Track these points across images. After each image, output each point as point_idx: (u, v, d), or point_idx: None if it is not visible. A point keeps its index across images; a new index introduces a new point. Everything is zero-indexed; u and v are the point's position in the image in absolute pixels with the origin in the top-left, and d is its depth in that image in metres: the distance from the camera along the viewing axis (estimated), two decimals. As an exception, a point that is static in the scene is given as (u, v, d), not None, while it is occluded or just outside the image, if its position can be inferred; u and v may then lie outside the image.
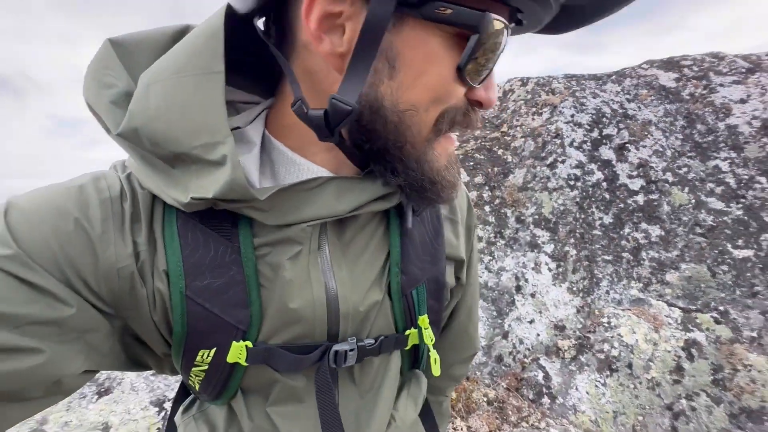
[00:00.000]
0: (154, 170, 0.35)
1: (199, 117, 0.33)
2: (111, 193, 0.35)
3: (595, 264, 1.83)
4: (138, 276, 0.35)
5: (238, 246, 0.37)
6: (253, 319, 0.37)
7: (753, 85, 2.13)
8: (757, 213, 1.82)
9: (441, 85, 0.33)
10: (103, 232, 0.34)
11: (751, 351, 1.58)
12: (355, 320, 0.41)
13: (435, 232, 0.49)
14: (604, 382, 1.49)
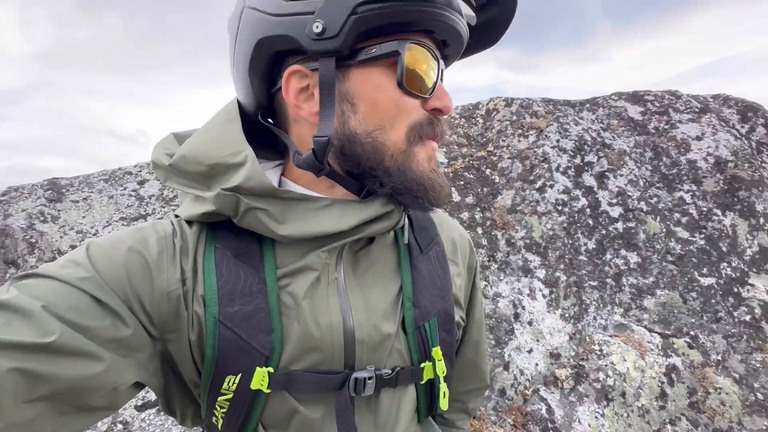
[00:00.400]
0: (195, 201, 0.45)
1: (225, 140, 0.44)
2: (165, 232, 0.44)
3: (583, 290, 1.87)
4: (183, 299, 0.41)
5: (264, 277, 0.43)
6: (275, 344, 0.42)
7: (706, 125, 2.35)
8: (716, 243, 1.99)
9: (393, 103, 0.42)
10: (158, 261, 0.41)
11: (718, 374, 1.71)
12: (370, 348, 0.45)
13: (442, 269, 0.54)
14: (603, 412, 1.50)
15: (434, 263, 0.54)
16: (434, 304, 0.51)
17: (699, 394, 1.67)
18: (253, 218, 0.43)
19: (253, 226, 0.43)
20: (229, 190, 0.42)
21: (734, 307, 1.86)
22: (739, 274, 1.94)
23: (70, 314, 0.35)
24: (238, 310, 0.42)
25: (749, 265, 1.97)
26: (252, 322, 0.41)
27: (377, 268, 0.49)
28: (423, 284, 0.51)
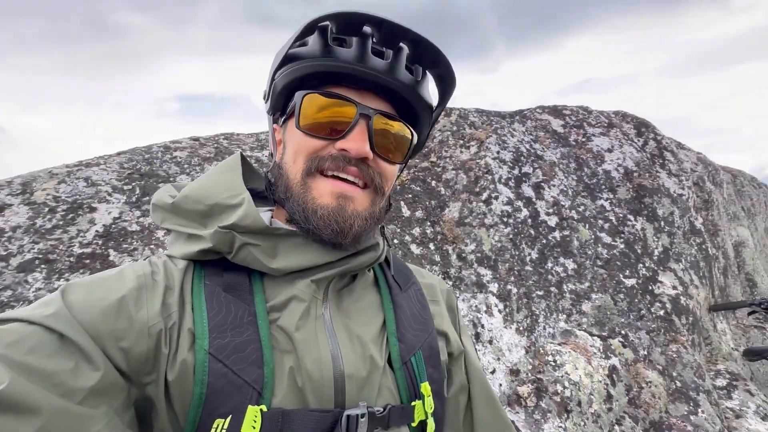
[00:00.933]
0: (188, 240, 0.49)
1: (226, 183, 0.52)
2: (144, 270, 0.46)
3: (532, 300, 1.90)
4: (165, 335, 0.42)
5: (254, 310, 0.46)
6: (267, 379, 0.42)
7: (614, 138, 2.62)
8: (633, 246, 2.21)
9: (295, 142, 0.52)
10: (137, 297, 0.42)
11: (647, 368, 1.87)
12: (359, 384, 0.46)
13: (421, 305, 0.59)
14: (565, 426, 1.51)
15: (413, 300, 0.59)
16: (418, 338, 0.54)
17: (634, 390, 1.80)
18: (247, 253, 0.47)
19: (246, 261, 0.48)
20: (225, 228, 0.47)
21: (651, 304, 2.07)
22: (651, 273, 2.17)
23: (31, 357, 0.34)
24: (229, 341, 0.42)
25: (657, 264, 2.22)
26: (243, 355, 0.42)
27: (360, 306, 0.54)
28: (406, 319, 0.55)
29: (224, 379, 0.40)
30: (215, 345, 0.41)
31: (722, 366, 2.23)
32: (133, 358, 0.39)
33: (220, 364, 0.41)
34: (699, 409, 1.80)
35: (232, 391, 0.40)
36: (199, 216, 0.49)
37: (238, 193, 0.49)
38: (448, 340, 0.60)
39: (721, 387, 2.09)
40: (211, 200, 0.49)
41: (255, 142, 2.07)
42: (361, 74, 0.49)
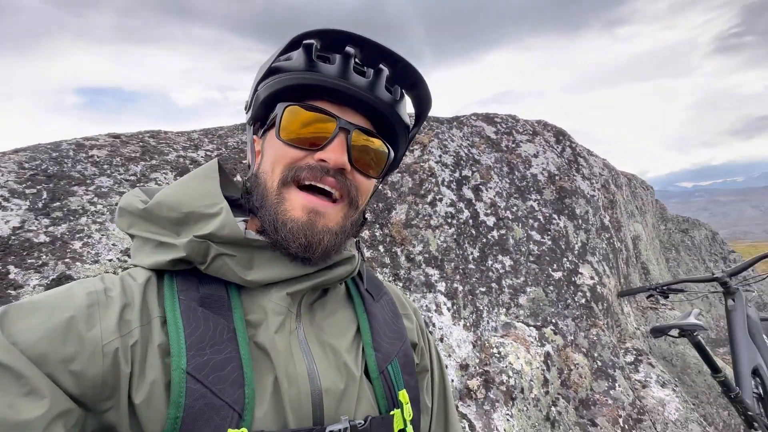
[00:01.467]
0: (158, 249, 0.47)
1: (203, 191, 0.50)
2: (95, 287, 0.42)
3: (476, 297, 2.00)
4: (125, 353, 0.38)
5: (233, 326, 0.44)
6: (247, 399, 0.40)
7: (538, 145, 2.88)
8: (558, 242, 2.44)
9: (274, 152, 0.51)
10: (88, 316, 0.39)
11: (574, 352, 2.08)
12: (337, 397, 0.46)
13: (394, 314, 0.60)
14: (511, 413, 1.61)
15: (386, 310, 0.60)
16: (394, 346, 0.55)
17: (565, 372, 1.99)
18: (222, 264, 0.46)
19: (220, 272, 0.46)
20: (201, 237, 0.45)
21: (574, 294, 2.31)
22: (573, 266, 2.42)
23: None
24: (208, 359, 0.40)
25: (578, 257, 2.48)
26: (223, 374, 0.40)
27: (334, 319, 0.54)
28: (380, 329, 0.55)
29: (203, 401, 0.38)
30: (193, 363, 0.39)
31: (630, 344, 2.56)
32: (87, 381, 0.36)
33: (199, 384, 0.38)
34: (616, 383, 2.05)
35: (211, 414, 0.38)
36: (173, 224, 0.47)
37: (216, 202, 0.48)
38: (421, 354, 0.62)
39: (630, 362, 2.40)
40: (187, 208, 0.47)
41: (187, 141, 1.89)
42: (343, 89, 0.50)
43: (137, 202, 0.50)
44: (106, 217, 1.23)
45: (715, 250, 5.69)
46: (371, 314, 0.56)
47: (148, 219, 0.48)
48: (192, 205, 0.47)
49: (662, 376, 2.36)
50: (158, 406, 0.38)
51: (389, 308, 0.60)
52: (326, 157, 0.49)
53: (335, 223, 0.51)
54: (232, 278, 0.46)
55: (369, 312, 0.56)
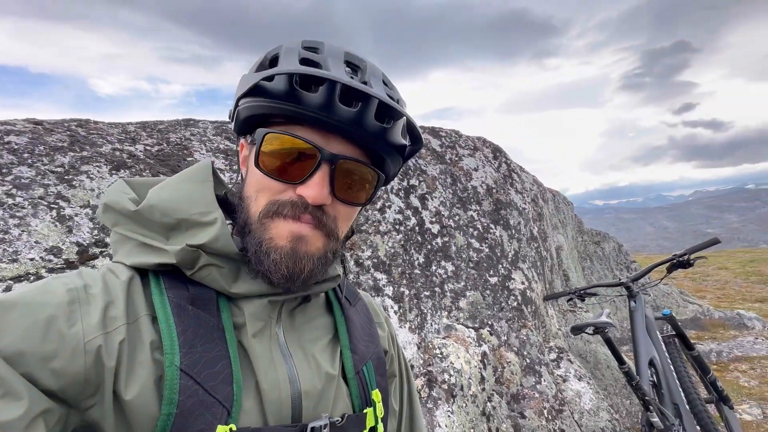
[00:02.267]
0: (144, 249, 0.46)
1: (198, 198, 0.49)
2: (75, 284, 0.41)
3: (421, 300, 2.08)
4: (109, 350, 0.38)
5: (222, 326, 0.44)
6: (236, 397, 0.41)
7: (478, 159, 3.10)
8: (494, 250, 2.64)
9: (255, 180, 0.50)
10: (70, 312, 0.38)
11: (507, 351, 2.25)
12: (315, 398, 0.48)
13: (368, 319, 0.63)
14: (452, 410, 1.70)
15: (361, 315, 0.62)
16: (368, 348, 0.58)
17: (499, 370, 2.15)
18: (208, 273, 0.46)
19: (206, 280, 0.46)
20: (194, 247, 0.45)
21: (508, 297, 2.51)
22: (507, 272, 2.63)
23: None
24: (200, 356, 0.41)
25: (511, 264, 2.70)
26: (214, 371, 0.41)
27: (313, 324, 0.55)
28: (357, 332, 0.58)
29: (195, 397, 0.38)
30: (186, 360, 0.39)
31: (553, 343, 2.84)
32: (69, 379, 0.35)
33: (192, 380, 0.39)
34: (542, 378, 2.26)
35: (202, 410, 0.38)
36: (164, 228, 0.47)
37: (210, 211, 0.48)
38: (390, 360, 0.65)
39: (553, 359, 2.66)
40: (180, 215, 0.47)
41: (122, 134, 1.74)
42: (326, 122, 0.47)
43: (126, 202, 0.48)
44: (27, 211, 1.10)
45: (620, 260, 6.50)
46: (348, 319, 0.58)
47: (137, 221, 0.47)
48: (186, 212, 0.47)
49: (579, 370, 2.64)
50: (149, 403, 0.38)
51: (364, 314, 0.63)
52: (305, 194, 0.47)
53: (316, 249, 0.49)
54: (216, 287, 0.46)
55: (347, 317, 0.58)
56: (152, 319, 0.42)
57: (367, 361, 0.56)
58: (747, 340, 4.94)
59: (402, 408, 0.67)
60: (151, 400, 0.38)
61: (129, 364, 0.38)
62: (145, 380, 0.38)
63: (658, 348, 2.23)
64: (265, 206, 0.48)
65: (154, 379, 0.39)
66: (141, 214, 0.47)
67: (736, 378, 4.02)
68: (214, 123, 2.24)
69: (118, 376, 0.38)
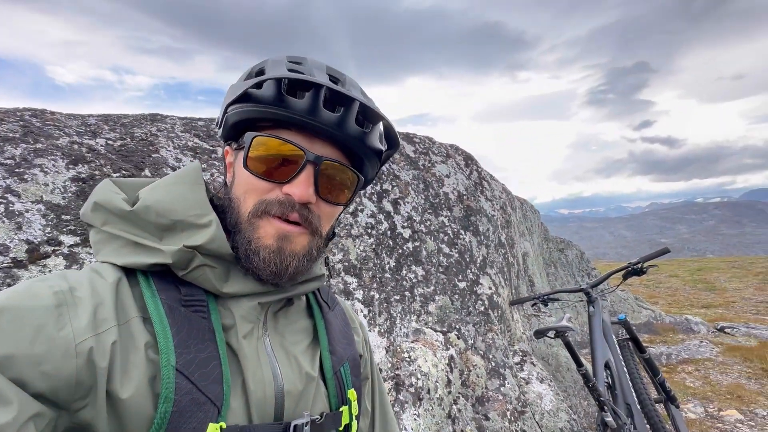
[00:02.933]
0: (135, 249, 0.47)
1: (192, 200, 0.50)
2: (61, 287, 0.41)
3: (390, 304, 2.10)
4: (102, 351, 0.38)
5: (212, 327, 0.46)
6: (226, 396, 0.43)
7: (450, 166, 3.17)
8: (464, 255, 2.70)
9: (245, 181, 0.52)
10: (58, 315, 0.38)
11: (473, 354, 2.31)
12: (296, 398, 0.50)
13: (345, 323, 0.66)
14: (419, 413, 1.72)
15: (339, 318, 0.65)
16: (346, 350, 0.61)
17: (465, 373, 2.20)
18: (201, 274, 0.48)
19: (198, 280, 0.48)
20: (191, 248, 0.46)
21: (475, 302, 2.57)
22: (476, 277, 2.70)
23: None
24: (194, 357, 0.42)
25: (479, 269, 2.77)
26: (207, 371, 0.42)
27: (295, 326, 0.58)
28: (335, 335, 0.61)
29: (189, 396, 0.40)
30: (181, 360, 0.41)
31: (517, 347, 2.93)
32: (61, 381, 0.36)
33: (186, 380, 0.41)
34: (506, 381, 2.32)
35: (195, 409, 0.40)
36: (159, 229, 0.48)
37: (205, 213, 0.50)
38: (364, 364, 0.69)
39: (517, 363, 2.74)
40: (177, 216, 0.48)
41: (82, 126, 1.66)
42: (311, 126, 0.51)
43: (119, 201, 0.49)
44: (-30, 205, 1.02)
45: (582, 267, 6.82)
46: (328, 322, 0.61)
47: (130, 221, 0.48)
48: (182, 214, 0.49)
49: (541, 373, 2.74)
50: (144, 402, 0.39)
51: (342, 318, 0.66)
52: (292, 192, 0.51)
53: (301, 247, 0.53)
54: (208, 287, 0.48)
55: (326, 320, 0.61)
56: (143, 321, 0.43)
57: (344, 363, 0.59)
58: (693, 344, 5.30)
59: (374, 409, 0.70)
60: (146, 400, 0.39)
61: (123, 365, 0.39)
62: (140, 380, 0.39)
63: (613, 351, 2.36)
64: (254, 206, 0.51)
65: (148, 378, 0.40)
66: (136, 214, 0.48)
67: (682, 379, 4.30)
68: (183, 119, 2.18)
69: (112, 376, 0.38)
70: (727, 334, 5.77)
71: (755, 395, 3.75)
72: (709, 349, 5.11)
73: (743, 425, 3.26)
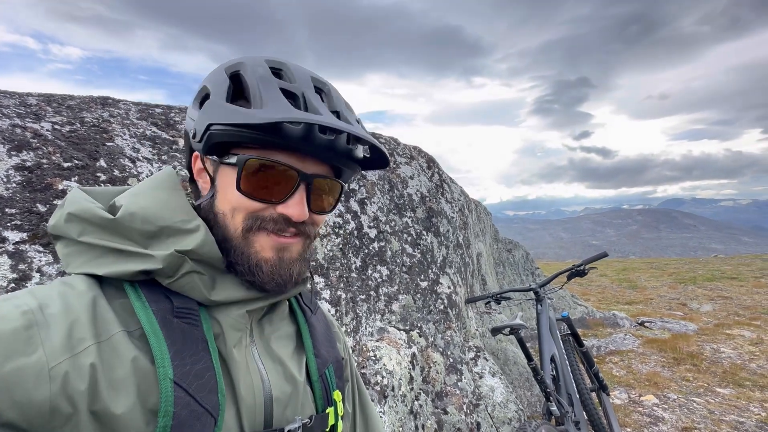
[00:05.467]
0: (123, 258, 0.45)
1: (176, 205, 0.50)
2: (29, 305, 0.38)
3: (356, 304, 2.12)
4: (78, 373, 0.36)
5: (205, 337, 0.46)
6: (221, 405, 0.43)
7: (414, 168, 3.24)
8: (426, 256, 2.79)
9: (234, 199, 0.51)
10: (28, 338, 0.35)
11: (433, 351, 2.40)
12: (284, 403, 0.51)
13: (326, 326, 0.68)
14: (384, 410, 1.77)
15: (321, 322, 0.67)
16: (330, 353, 0.62)
17: (426, 370, 2.28)
18: (189, 281, 0.47)
19: (186, 289, 0.47)
20: (182, 252, 0.46)
21: (435, 301, 2.67)
22: (436, 276, 2.80)
23: None
24: (190, 368, 0.42)
25: (439, 269, 2.88)
26: (203, 382, 0.42)
27: (280, 332, 0.58)
28: (319, 338, 0.62)
29: (188, 409, 0.40)
30: (179, 372, 0.41)
31: (472, 343, 3.09)
32: (33, 409, 0.34)
33: (184, 392, 0.40)
34: (463, 376, 2.45)
35: (193, 420, 0.40)
36: (144, 236, 0.47)
37: (192, 219, 0.50)
38: (345, 366, 0.70)
39: (472, 358, 2.89)
40: (163, 222, 0.48)
41: (21, 106, 1.48)
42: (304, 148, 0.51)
43: (97, 210, 0.47)
44: None
45: (527, 266, 7.29)
46: (311, 325, 0.62)
47: (112, 229, 0.47)
48: (168, 220, 0.48)
49: (492, 367, 2.92)
50: (137, 418, 0.38)
51: (323, 320, 0.68)
52: (289, 213, 0.52)
53: (298, 253, 0.55)
54: (196, 295, 0.47)
55: (309, 323, 0.62)
56: (128, 335, 0.42)
57: (328, 365, 0.61)
58: (619, 337, 5.90)
59: (355, 411, 0.72)
60: (139, 415, 0.38)
61: (109, 383, 0.38)
62: (132, 395, 0.38)
63: (558, 346, 2.57)
64: (246, 222, 0.51)
65: (140, 393, 0.39)
66: (120, 222, 0.46)
67: (610, 369, 4.78)
68: (138, 105, 2.02)
69: (96, 396, 0.37)
70: (647, 328, 6.50)
71: (668, 381, 4.27)
72: (631, 341, 5.72)
73: (658, 408, 3.71)
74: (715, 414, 3.49)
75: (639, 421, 3.48)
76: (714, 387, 4.06)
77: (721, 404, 3.68)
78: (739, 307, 7.53)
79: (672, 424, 3.39)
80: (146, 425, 0.38)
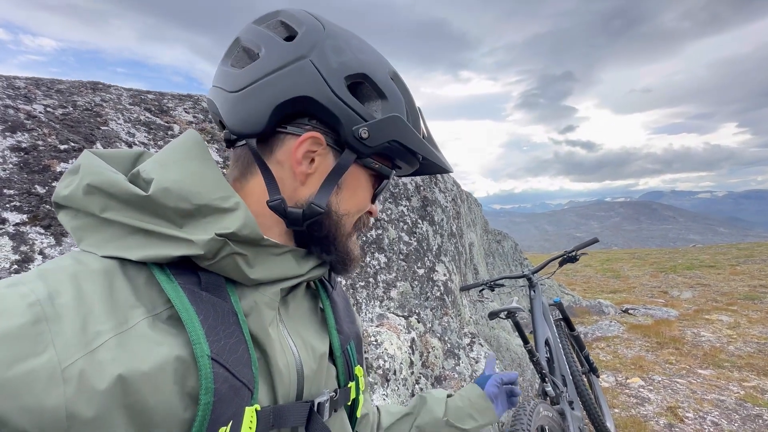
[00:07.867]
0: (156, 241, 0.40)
1: (212, 180, 0.44)
2: (37, 295, 0.33)
3: (356, 291, 2.12)
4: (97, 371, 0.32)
5: (234, 309, 0.43)
6: (255, 378, 0.42)
7: (408, 158, 3.26)
8: (422, 244, 2.81)
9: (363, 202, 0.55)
10: (36, 335, 0.31)
11: (432, 337, 2.43)
12: (311, 379, 0.51)
13: (347, 302, 0.69)
14: (387, 393, 1.79)
15: (342, 297, 0.67)
16: (351, 329, 0.62)
17: (425, 355, 2.31)
18: (230, 262, 0.43)
19: (226, 270, 0.44)
20: (224, 236, 0.42)
21: (432, 288, 2.70)
22: (432, 264, 2.82)
23: None
24: (224, 343, 0.40)
25: (435, 257, 2.90)
26: (238, 356, 0.41)
27: (304, 309, 0.57)
28: (341, 314, 0.62)
29: (227, 384, 0.39)
30: (215, 348, 0.39)
31: (467, 329, 3.13)
32: (47, 416, 0.30)
33: (222, 367, 0.39)
34: (460, 361, 2.49)
35: (232, 395, 0.39)
36: (179, 216, 0.41)
37: (230, 195, 0.44)
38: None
39: (468, 344, 2.94)
40: (200, 200, 0.42)
41: (10, 89, 1.43)
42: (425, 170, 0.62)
43: (125, 184, 0.41)
44: None
45: (516, 257, 7.41)
46: (333, 301, 0.62)
47: (144, 208, 0.40)
48: (206, 197, 0.42)
49: (488, 353, 2.97)
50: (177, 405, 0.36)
51: (343, 296, 0.68)
52: (374, 211, 0.59)
53: None
54: (237, 276, 0.44)
55: (332, 299, 0.62)
56: (154, 319, 0.38)
57: (350, 341, 0.61)
58: (604, 323, 6.07)
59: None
60: (177, 402, 0.36)
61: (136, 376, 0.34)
62: (167, 384, 0.36)
63: (551, 329, 2.64)
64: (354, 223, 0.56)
65: (176, 379, 0.36)
66: (154, 200, 0.40)
67: (597, 354, 4.92)
68: (130, 91, 1.97)
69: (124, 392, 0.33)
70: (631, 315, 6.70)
71: (652, 364, 4.42)
72: (616, 327, 5.90)
73: (644, 389, 3.84)
74: (698, 393, 3.64)
75: (626, 402, 3.60)
76: (695, 369, 4.23)
77: (702, 384, 3.84)
78: (717, 293, 7.83)
79: (658, 404, 3.52)
80: (184, 410, 0.36)
